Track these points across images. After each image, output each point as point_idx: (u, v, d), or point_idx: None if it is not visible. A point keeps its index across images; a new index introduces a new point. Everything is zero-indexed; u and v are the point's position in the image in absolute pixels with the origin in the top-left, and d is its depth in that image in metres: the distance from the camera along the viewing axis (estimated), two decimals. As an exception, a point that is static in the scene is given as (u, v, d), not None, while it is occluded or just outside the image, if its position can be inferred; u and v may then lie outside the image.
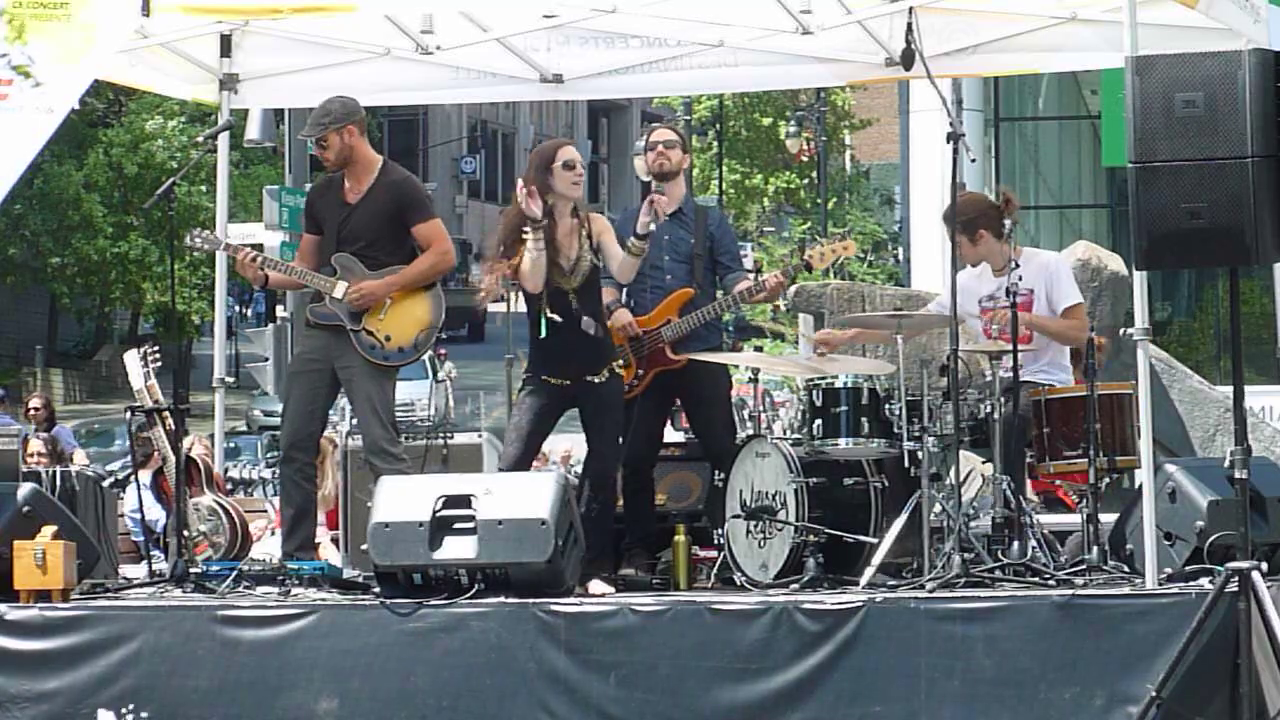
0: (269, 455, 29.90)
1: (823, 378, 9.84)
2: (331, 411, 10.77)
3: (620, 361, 10.03)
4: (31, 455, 14.70)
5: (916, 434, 9.48)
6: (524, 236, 9.69)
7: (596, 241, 9.87)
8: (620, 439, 10.00)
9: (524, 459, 9.91)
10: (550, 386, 9.87)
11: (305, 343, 10.49)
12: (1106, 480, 9.58)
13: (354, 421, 10.87)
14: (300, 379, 10.33)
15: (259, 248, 11.58)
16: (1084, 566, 9.22)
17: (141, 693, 9.09)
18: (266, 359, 22.55)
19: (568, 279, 9.82)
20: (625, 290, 10.51)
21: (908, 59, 10.85)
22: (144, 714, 9.07)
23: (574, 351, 9.83)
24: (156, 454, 11.17)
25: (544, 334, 9.77)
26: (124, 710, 9.07)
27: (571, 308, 9.80)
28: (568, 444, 22.19)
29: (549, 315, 9.76)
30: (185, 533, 10.11)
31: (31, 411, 17.49)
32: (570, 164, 9.83)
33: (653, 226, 9.66)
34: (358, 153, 10.20)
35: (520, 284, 9.83)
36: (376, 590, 9.28)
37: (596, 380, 9.84)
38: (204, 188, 39.32)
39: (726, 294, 10.43)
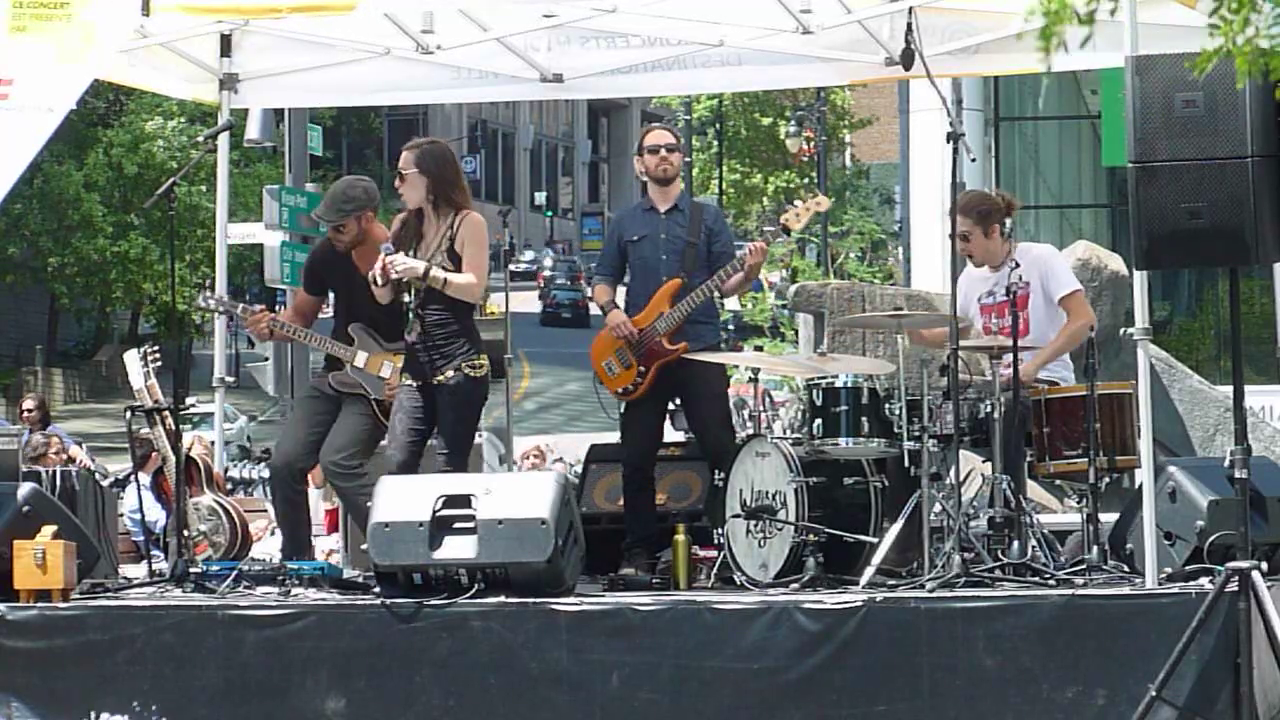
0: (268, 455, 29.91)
1: (823, 377, 9.83)
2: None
3: (478, 363, 9.91)
4: (59, 454, 14.72)
5: (916, 434, 9.48)
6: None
7: (459, 241, 9.84)
8: (466, 438, 9.95)
9: (407, 463, 9.82)
10: (408, 387, 9.90)
11: (318, 379, 10.56)
12: (1106, 480, 9.58)
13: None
14: (306, 404, 10.53)
15: (270, 307, 11.61)
16: (1084, 566, 9.22)
17: (143, 693, 9.08)
18: (266, 359, 22.52)
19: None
20: (625, 291, 10.52)
21: (908, 59, 10.85)
22: (145, 715, 9.06)
23: (414, 352, 9.90)
24: (156, 454, 11.17)
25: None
26: (125, 711, 9.06)
27: (411, 306, 9.91)
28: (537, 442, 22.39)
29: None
30: (185, 533, 10.10)
31: (25, 414, 17.35)
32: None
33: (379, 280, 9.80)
34: (370, 235, 10.28)
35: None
36: (377, 590, 9.27)
37: (439, 381, 9.81)
38: (204, 188, 39.35)
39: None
